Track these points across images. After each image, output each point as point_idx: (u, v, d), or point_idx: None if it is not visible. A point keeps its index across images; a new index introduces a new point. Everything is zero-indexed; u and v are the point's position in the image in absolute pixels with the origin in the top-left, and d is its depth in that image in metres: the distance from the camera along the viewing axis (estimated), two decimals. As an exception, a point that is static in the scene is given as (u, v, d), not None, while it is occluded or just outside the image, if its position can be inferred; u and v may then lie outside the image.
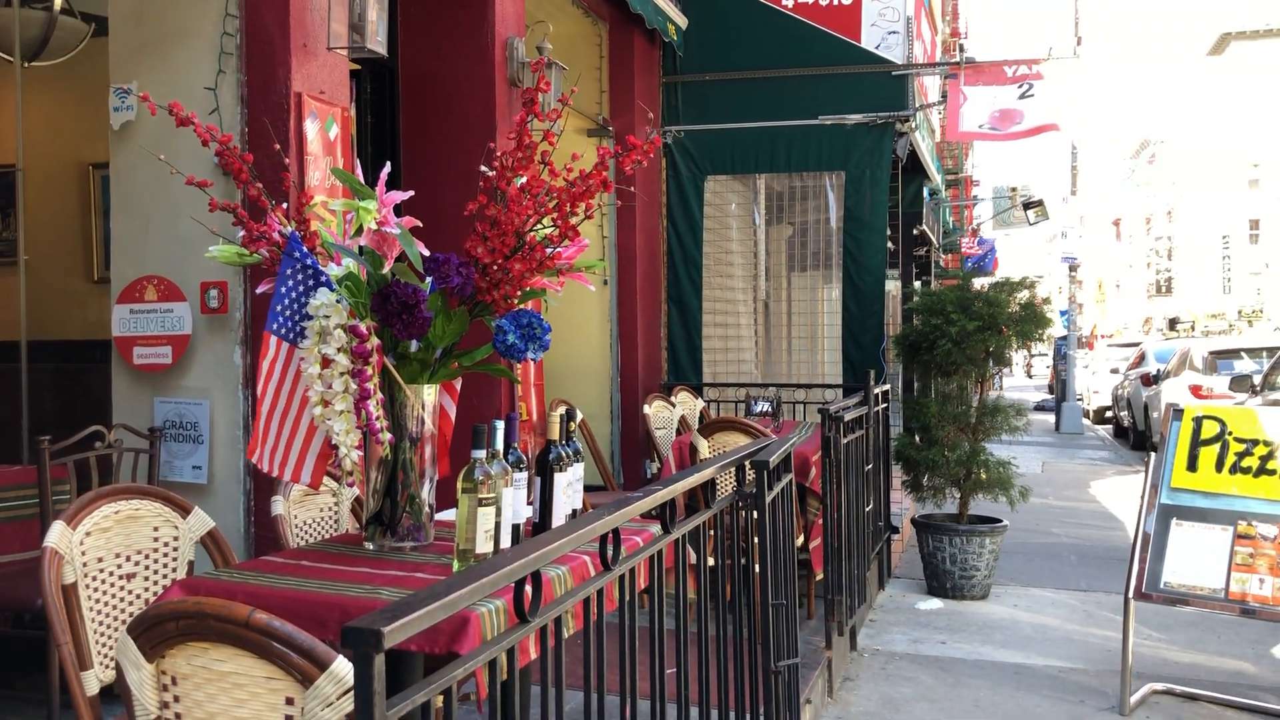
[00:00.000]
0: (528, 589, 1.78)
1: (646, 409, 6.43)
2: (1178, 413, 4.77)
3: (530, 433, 5.44)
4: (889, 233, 8.38)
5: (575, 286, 2.92)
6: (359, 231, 2.43)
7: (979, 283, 8.36)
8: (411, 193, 2.51)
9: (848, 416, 5.03)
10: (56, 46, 5.52)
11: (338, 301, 2.41)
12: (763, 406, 6.94)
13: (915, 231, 14.17)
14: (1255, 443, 4.53)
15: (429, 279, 2.60)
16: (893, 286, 11.58)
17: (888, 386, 7.03)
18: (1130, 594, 4.58)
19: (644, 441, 6.70)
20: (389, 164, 2.64)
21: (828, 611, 4.73)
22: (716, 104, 7.92)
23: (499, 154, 2.59)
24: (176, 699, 1.74)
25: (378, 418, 2.41)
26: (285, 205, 2.72)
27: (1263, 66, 52.37)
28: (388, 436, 2.46)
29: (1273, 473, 4.44)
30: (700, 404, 7.54)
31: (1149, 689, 4.71)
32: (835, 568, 4.77)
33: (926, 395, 7.27)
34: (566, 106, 2.98)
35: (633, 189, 7.08)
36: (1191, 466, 4.61)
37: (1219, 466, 4.55)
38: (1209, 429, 4.64)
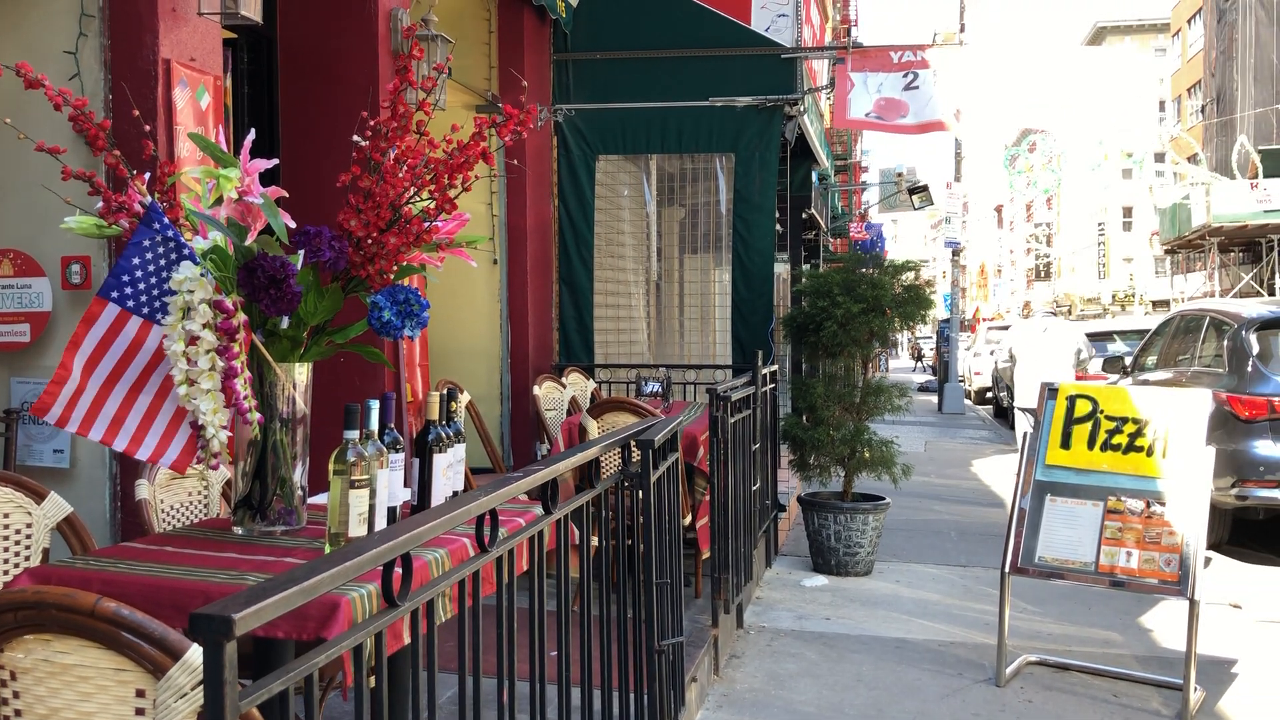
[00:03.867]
0: (397, 571, 1.72)
1: (536, 390, 6.37)
2: (1052, 392, 4.91)
3: (416, 414, 5.34)
4: (778, 215, 8.46)
5: (463, 265, 2.85)
6: (218, 201, 2.32)
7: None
8: (276, 160, 2.41)
9: (735, 396, 5.06)
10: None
11: (202, 275, 2.30)
12: (653, 387, 6.94)
13: (804, 215, 14.34)
14: (1125, 420, 4.68)
15: (300, 253, 2.51)
16: (782, 269, 11.71)
17: (776, 368, 7.10)
18: (1006, 569, 4.70)
19: (534, 423, 6.64)
20: (253, 131, 2.52)
21: (714, 590, 4.75)
22: (608, 83, 7.87)
23: (372, 123, 2.50)
24: (16, 694, 1.63)
25: (245, 397, 2.32)
26: (148, 175, 2.58)
27: (1134, 59, 54.45)
28: (256, 416, 2.37)
29: (1141, 449, 4.60)
30: (592, 385, 7.50)
31: (1023, 660, 4.85)
32: (722, 546, 4.79)
33: (814, 376, 7.36)
34: (445, 76, 2.90)
35: (515, 161, 6.98)
36: (1065, 444, 4.75)
37: (1091, 444, 4.70)
38: (1082, 407, 4.78)
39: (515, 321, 7.41)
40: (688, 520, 5.27)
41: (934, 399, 21.76)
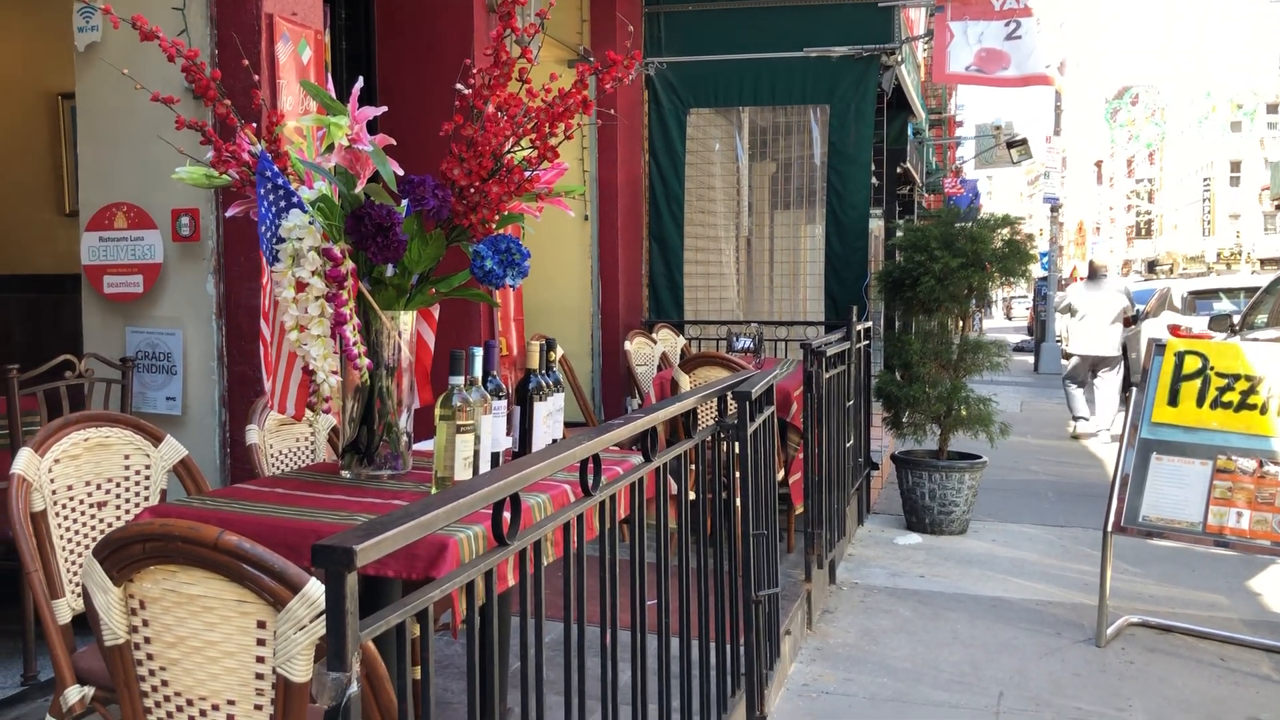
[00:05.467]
0: (506, 513, 1.74)
1: (627, 345, 6.39)
2: (1160, 348, 4.76)
3: (511, 368, 5.40)
4: (873, 169, 8.31)
5: (555, 224, 2.87)
6: (329, 149, 2.35)
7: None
8: (385, 108, 2.43)
9: (829, 352, 5.00)
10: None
11: (310, 223, 2.34)
12: (745, 343, 6.91)
13: (899, 169, 14.08)
14: (1237, 377, 4.52)
15: (404, 201, 2.53)
16: (876, 224, 11.52)
17: (870, 324, 7.00)
18: (1109, 527, 4.60)
19: (625, 379, 6.67)
20: (361, 79, 2.55)
21: (807, 545, 4.73)
22: (699, 36, 7.78)
23: (475, 71, 2.51)
24: (145, 623, 1.69)
25: (354, 343, 2.36)
26: (255, 125, 2.63)
27: (1250, 4, 52.08)
28: (365, 362, 2.41)
29: (1254, 407, 4.45)
30: (682, 341, 7.50)
31: (1124, 621, 4.75)
32: (815, 502, 4.76)
33: (908, 333, 7.25)
34: (544, 23, 2.88)
35: (613, 111, 6.96)
36: (1173, 401, 4.61)
37: (1200, 401, 4.55)
38: (1191, 364, 4.63)
39: (606, 278, 7.43)
40: (781, 475, 5.26)
41: (1030, 359, 21.28)
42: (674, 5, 7.76)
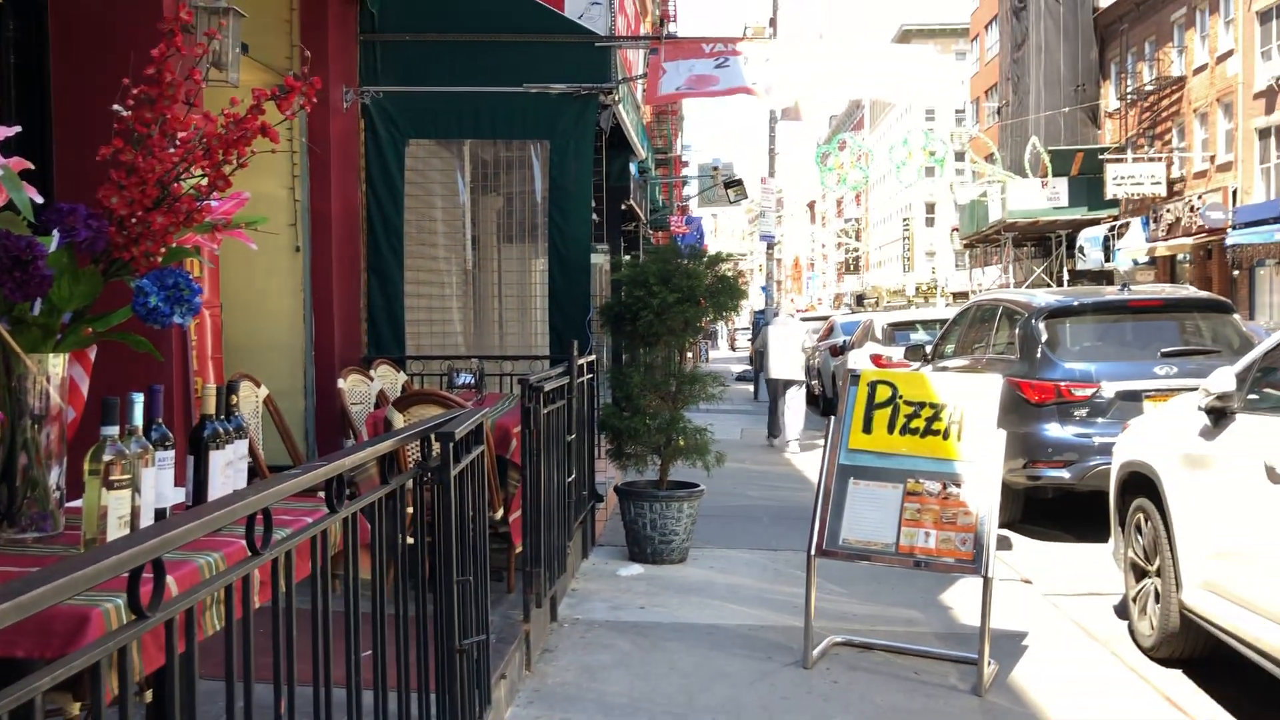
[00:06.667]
0: (149, 579, 1.56)
1: (341, 383, 6.12)
2: (855, 378, 5.03)
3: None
4: (595, 205, 8.42)
5: (263, 256, 2.68)
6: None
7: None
8: (19, 128, 2.17)
9: (548, 387, 4.97)
10: None
11: (-70, 256, 2.05)
12: (466, 379, 6.79)
13: (623, 206, 14.40)
14: (923, 405, 4.83)
15: (55, 232, 2.28)
16: (600, 259, 11.70)
17: (593, 357, 7.05)
18: (812, 551, 4.79)
19: (341, 419, 6.39)
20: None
21: (526, 584, 4.66)
22: (418, 66, 7.64)
23: (135, 91, 2.30)
24: None
25: (-19, 391, 2.08)
26: None
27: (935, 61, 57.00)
28: (-4, 413, 2.13)
29: (937, 433, 4.76)
30: (402, 378, 7.28)
31: (830, 642, 4.96)
32: (534, 540, 4.70)
33: (632, 366, 7.36)
34: (239, 52, 2.71)
35: (305, 139, 6.70)
36: (867, 428, 4.87)
37: (890, 428, 4.83)
38: (882, 393, 4.91)
39: (320, 312, 7.11)
40: (499, 514, 5.17)
41: (751, 388, 22.23)
42: (391, 34, 7.58)
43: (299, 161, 6.97)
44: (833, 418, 5.03)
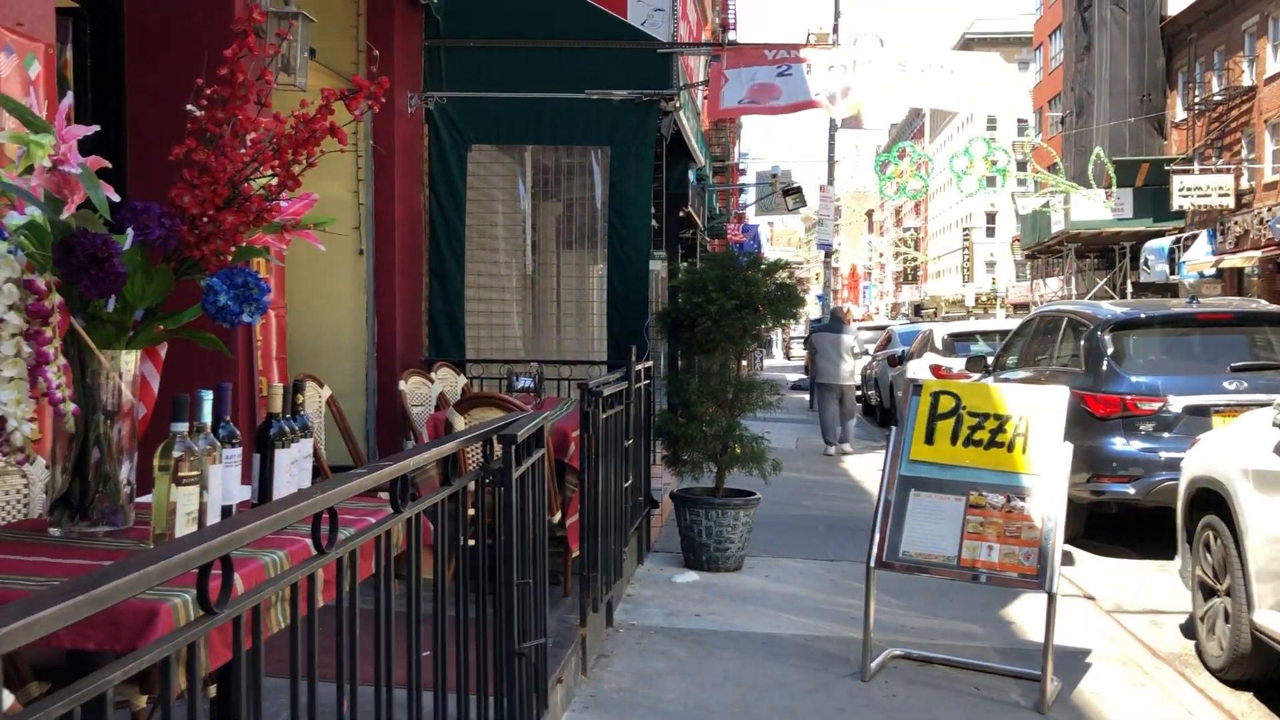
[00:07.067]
0: (217, 575, 1.57)
1: (402, 385, 6.17)
2: (917, 388, 4.96)
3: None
4: (654, 211, 8.41)
5: (328, 257, 2.70)
6: (28, 170, 2.11)
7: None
8: (97, 128, 2.21)
9: (607, 392, 4.97)
10: None
11: (10, 252, 2.09)
12: (525, 383, 6.80)
13: (681, 213, 14.39)
14: (987, 416, 4.75)
15: (129, 231, 2.31)
16: (658, 266, 11.70)
17: (650, 363, 7.04)
18: (871, 563, 4.73)
19: (402, 420, 6.43)
20: (70, 94, 2.32)
21: (583, 588, 4.65)
22: (481, 72, 7.69)
23: (209, 91, 2.32)
24: None
25: (58, 386, 2.12)
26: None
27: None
28: (71, 408, 2.16)
29: (1001, 445, 4.68)
30: (462, 380, 7.32)
31: (888, 654, 4.89)
32: (591, 544, 4.70)
33: (689, 372, 7.33)
34: (307, 57, 2.73)
35: (372, 142, 6.76)
36: (929, 439, 4.80)
37: (954, 439, 4.75)
38: (945, 404, 4.83)
39: (382, 314, 7.17)
40: (557, 518, 5.16)
41: (806, 397, 22.06)
42: (455, 40, 7.65)
43: (364, 165, 7.04)
44: (893, 428, 4.96)
